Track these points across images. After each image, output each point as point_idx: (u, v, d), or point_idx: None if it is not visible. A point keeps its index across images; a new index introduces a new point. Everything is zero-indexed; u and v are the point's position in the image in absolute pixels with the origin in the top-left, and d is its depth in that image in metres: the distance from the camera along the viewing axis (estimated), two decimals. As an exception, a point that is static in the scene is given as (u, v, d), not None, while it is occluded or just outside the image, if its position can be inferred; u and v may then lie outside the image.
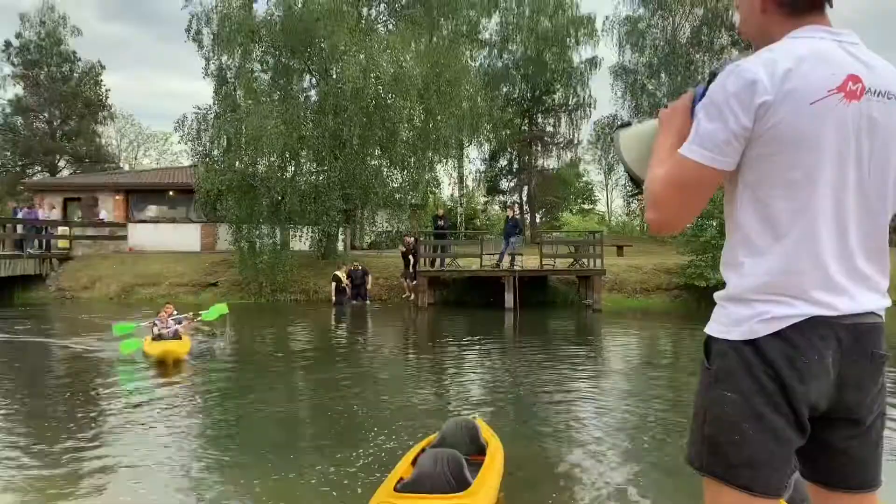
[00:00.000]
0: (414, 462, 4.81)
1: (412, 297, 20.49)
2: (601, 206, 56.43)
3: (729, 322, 1.64)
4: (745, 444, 1.57)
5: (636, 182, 1.89)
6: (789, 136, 1.54)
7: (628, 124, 1.97)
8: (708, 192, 1.62)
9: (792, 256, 1.57)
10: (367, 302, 20.53)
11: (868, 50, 1.64)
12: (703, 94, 1.66)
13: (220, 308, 12.53)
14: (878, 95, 1.58)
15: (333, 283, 20.34)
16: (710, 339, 1.68)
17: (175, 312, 12.22)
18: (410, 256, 20.81)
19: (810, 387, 1.56)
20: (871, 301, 1.62)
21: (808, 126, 1.53)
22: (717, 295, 1.72)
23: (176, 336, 11.37)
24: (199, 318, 12.53)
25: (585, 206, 55.95)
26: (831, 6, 1.66)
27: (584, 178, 53.42)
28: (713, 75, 1.66)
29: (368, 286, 20.90)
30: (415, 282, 20.47)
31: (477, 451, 5.20)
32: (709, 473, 1.64)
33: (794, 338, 1.56)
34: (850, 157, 1.57)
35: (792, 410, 1.57)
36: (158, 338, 11.16)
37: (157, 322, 11.58)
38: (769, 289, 1.59)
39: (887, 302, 1.67)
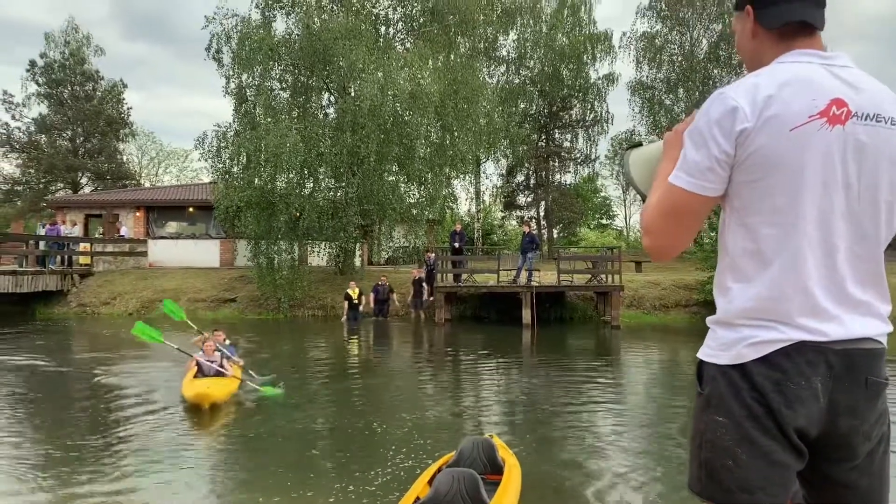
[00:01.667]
0: (431, 481, 4.80)
1: (423, 318, 20.56)
2: (619, 222, 56.37)
3: (717, 346, 1.65)
4: (739, 469, 1.57)
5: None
6: (770, 162, 1.54)
7: (639, 144, 1.98)
8: (698, 218, 1.63)
9: (778, 283, 1.57)
10: (387, 319, 20.46)
11: (861, 72, 1.63)
12: None
13: (276, 394, 9.77)
14: (865, 119, 1.57)
15: (346, 302, 20.43)
16: (701, 364, 1.70)
17: (227, 340, 10.64)
18: (424, 284, 20.86)
19: (798, 412, 1.55)
20: (865, 327, 1.60)
21: (788, 152, 1.53)
22: (708, 319, 1.73)
23: (220, 373, 9.52)
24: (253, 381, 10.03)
25: (603, 222, 55.90)
26: (821, 29, 1.66)
27: (602, 194, 53.47)
28: None
29: (390, 305, 20.72)
30: (431, 298, 20.49)
31: (493, 470, 5.18)
32: (707, 498, 1.64)
33: (781, 362, 1.56)
34: (836, 182, 1.56)
35: (783, 434, 1.56)
36: (199, 373, 9.45)
37: (199, 354, 9.79)
38: (756, 314, 1.59)
39: (888, 328, 1.64)
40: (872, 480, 1.65)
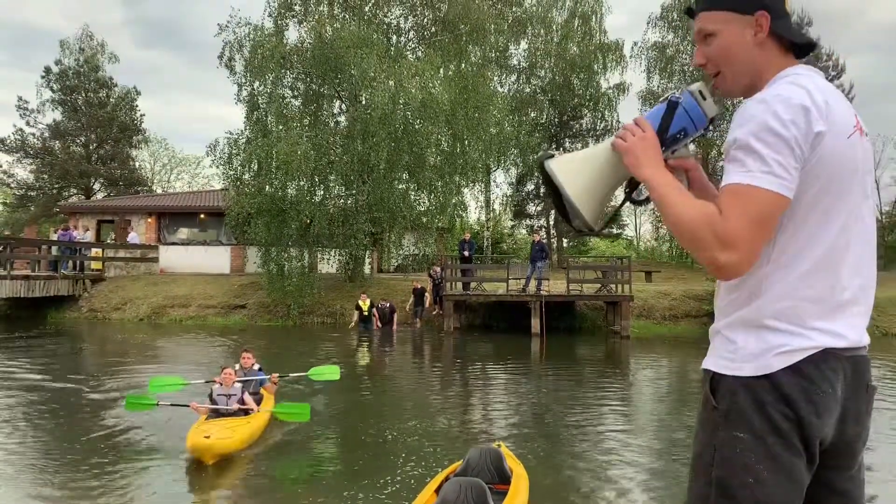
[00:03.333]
0: (438, 490, 4.79)
1: (421, 326, 20.52)
2: (629, 231, 56.17)
3: (738, 357, 1.57)
4: (759, 487, 1.50)
5: (568, 213, 1.77)
6: (829, 167, 1.51)
7: (551, 156, 1.84)
8: (776, 225, 1.54)
9: (809, 286, 1.54)
10: (392, 330, 20.30)
11: None
12: (662, 120, 1.65)
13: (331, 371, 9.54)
14: (866, 133, 1.63)
15: (356, 312, 20.43)
16: (715, 377, 1.60)
17: (256, 365, 8.90)
18: (427, 294, 20.86)
19: (825, 421, 1.52)
20: (864, 333, 1.62)
21: (844, 159, 1.54)
22: (717, 326, 1.65)
23: (241, 410, 7.71)
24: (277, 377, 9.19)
25: (613, 231, 55.72)
26: (814, 52, 1.71)
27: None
28: (672, 104, 1.65)
29: (394, 326, 20.27)
30: (439, 309, 20.45)
31: (501, 479, 5.18)
32: None
33: (809, 371, 1.51)
34: (865, 191, 1.60)
35: (805, 447, 1.52)
36: (214, 412, 7.66)
37: (215, 387, 8.04)
38: (784, 318, 1.54)
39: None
40: (858, 490, 1.63)
